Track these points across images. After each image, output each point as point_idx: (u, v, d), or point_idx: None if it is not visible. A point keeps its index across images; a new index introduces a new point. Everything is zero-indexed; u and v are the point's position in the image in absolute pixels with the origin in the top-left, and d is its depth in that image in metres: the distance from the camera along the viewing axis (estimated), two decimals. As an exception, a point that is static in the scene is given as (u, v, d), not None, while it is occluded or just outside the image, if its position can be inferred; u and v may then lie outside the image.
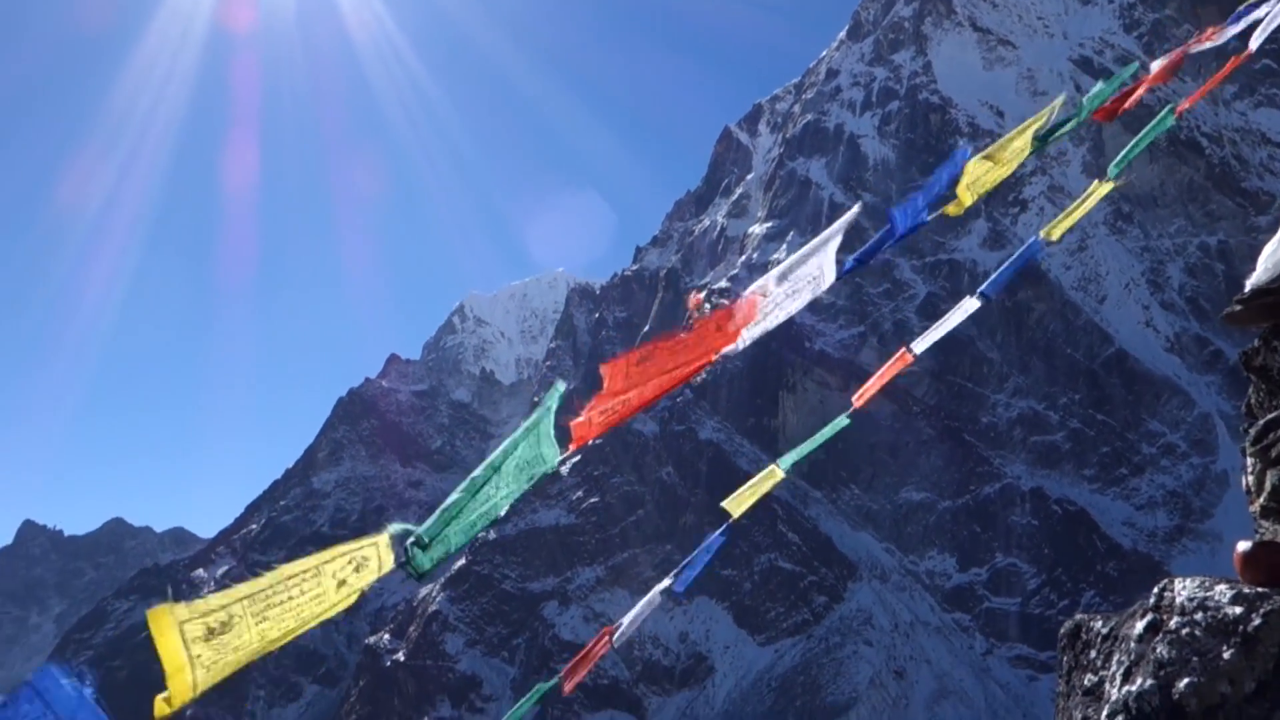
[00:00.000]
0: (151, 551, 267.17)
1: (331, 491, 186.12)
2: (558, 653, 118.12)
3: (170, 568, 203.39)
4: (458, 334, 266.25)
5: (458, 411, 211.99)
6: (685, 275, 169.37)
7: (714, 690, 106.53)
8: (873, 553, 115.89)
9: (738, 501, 5.89)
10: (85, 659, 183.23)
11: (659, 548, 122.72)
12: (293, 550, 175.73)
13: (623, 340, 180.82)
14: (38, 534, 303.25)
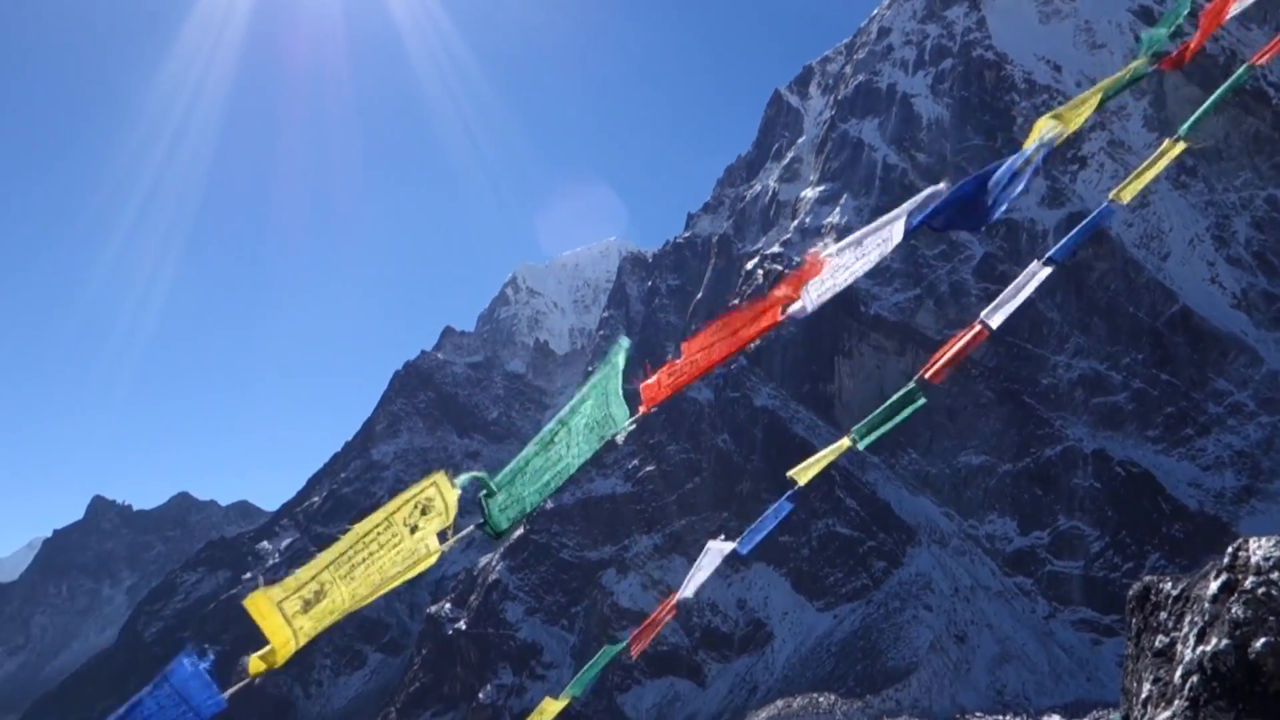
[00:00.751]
0: (217, 525, 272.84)
1: (390, 463, 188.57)
2: (616, 620, 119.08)
3: (236, 540, 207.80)
4: (511, 305, 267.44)
5: (512, 382, 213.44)
6: (737, 241, 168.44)
7: (773, 656, 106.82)
8: (932, 517, 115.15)
9: (805, 470, 5.79)
10: (156, 630, 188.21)
11: (715, 515, 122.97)
12: (354, 521, 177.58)
13: (675, 308, 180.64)
14: (108, 509, 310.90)
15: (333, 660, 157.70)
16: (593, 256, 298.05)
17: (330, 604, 2.68)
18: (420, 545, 2.86)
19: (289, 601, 2.63)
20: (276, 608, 2.62)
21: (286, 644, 2.62)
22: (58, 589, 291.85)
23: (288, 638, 2.63)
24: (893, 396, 5.60)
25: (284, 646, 2.63)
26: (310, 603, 2.64)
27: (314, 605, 2.65)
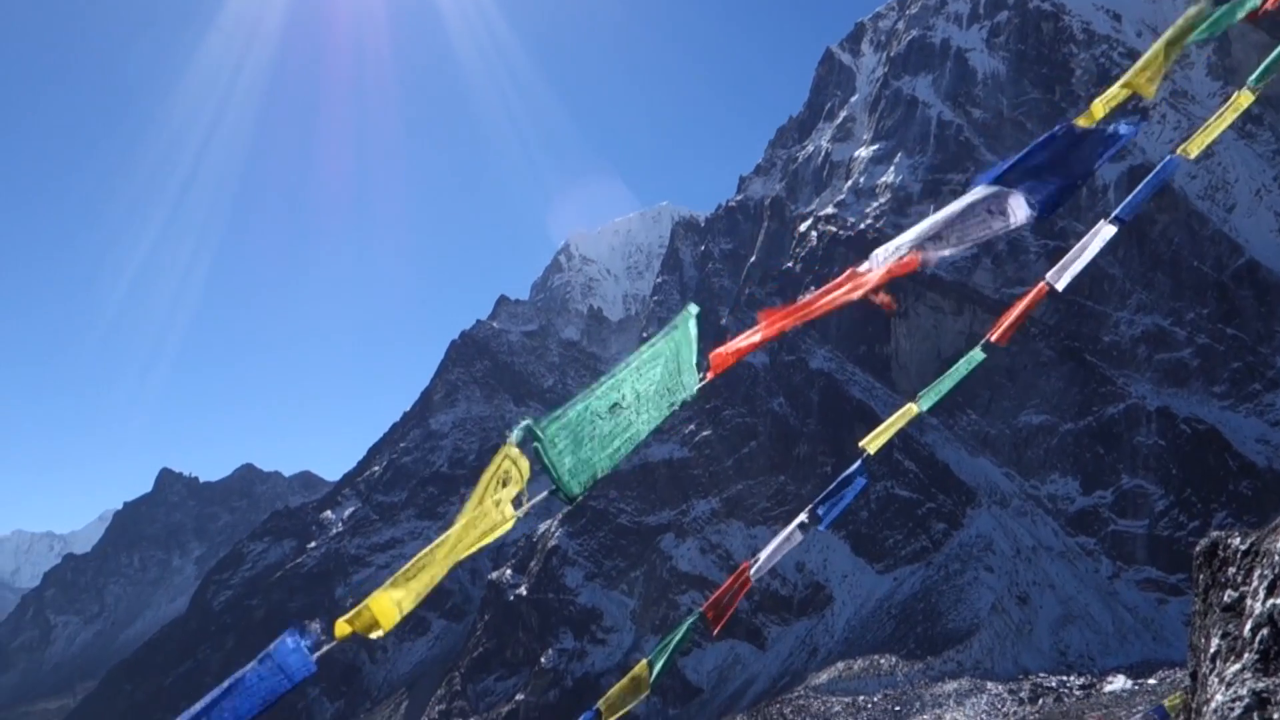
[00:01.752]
0: (281, 495, 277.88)
1: (449, 432, 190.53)
2: (675, 584, 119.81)
3: (300, 510, 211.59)
4: (564, 273, 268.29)
5: (568, 350, 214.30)
6: (790, 203, 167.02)
7: (833, 618, 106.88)
8: (991, 478, 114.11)
9: (875, 439, 5.77)
10: (224, 598, 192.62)
11: (772, 479, 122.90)
12: (414, 491, 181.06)
13: (729, 272, 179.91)
14: (175, 481, 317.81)
15: (397, 627, 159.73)
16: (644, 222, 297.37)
17: (430, 581, 3.02)
18: (498, 513, 3.11)
19: (407, 599, 2.98)
20: (396, 605, 2.95)
21: (392, 619, 2.96)
22: (129, 560, 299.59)
23: (394, 615, 2.96)
24: (959, 362, 5.50)
25: (389, 621, 2.96)
26: (420, 594, 3.01)
27: (420, 592, 3.01)
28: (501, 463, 3.23)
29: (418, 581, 3.00)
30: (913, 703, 72.94)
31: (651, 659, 6.40)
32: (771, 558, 6.24)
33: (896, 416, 5.66)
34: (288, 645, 2.94)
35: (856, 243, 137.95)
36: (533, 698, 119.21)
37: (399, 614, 2.98)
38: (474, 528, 3.10)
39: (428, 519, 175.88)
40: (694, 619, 6.47)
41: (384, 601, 2.97)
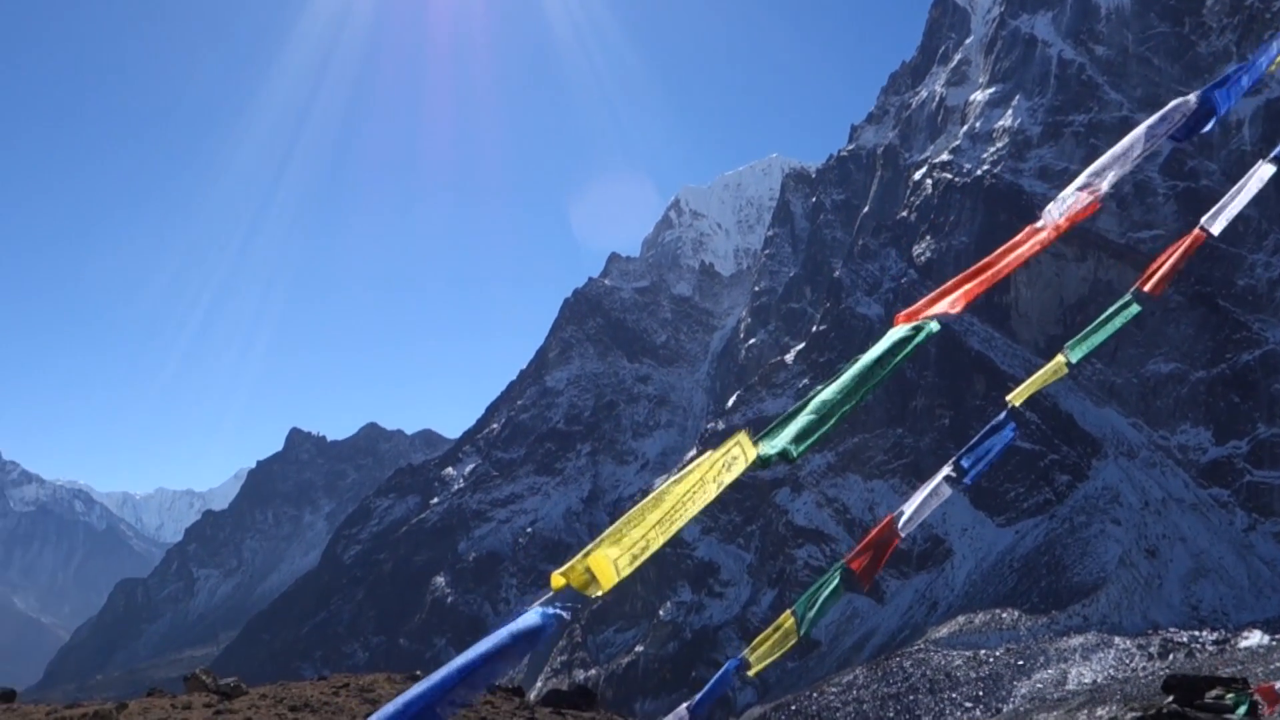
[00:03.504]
0: (404, 453, 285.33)
1: (564, 389, 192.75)
2: (792, 538, 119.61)
3: (422, 467, 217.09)
4: (675, 228, 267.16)
5: (680, 305, 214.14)
6: (904, 151, 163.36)
7: (953, 572, 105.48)
8: (1118, 428, 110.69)
9: (1021, 393, 5.59)
10: (354, 552, 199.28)
11: (889, 432, 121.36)
12: (531, 447, 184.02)
13: (841, 223, 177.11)
14: (304, 440, 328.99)
15: (519, 580, 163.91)
16: (754, 175, 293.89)
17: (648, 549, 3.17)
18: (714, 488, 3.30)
19: (623, 559, 3.11)
20: (613, 565, 3.10)
21: (610, 580, 3.11)
22: (264, 515, 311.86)
23: (613, 576, 3.11)
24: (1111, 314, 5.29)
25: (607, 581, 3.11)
26: (637, 557, 3.14)
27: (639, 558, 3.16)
28: (730, 448, 3.37)
29: (635, 546, 3.12)
30: (1036, 657, 71.73)
31: (796, 610, 6.42)
32: (919, 513, 6.13)
33: (1046, 370, 5.45)
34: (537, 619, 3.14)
35: (973, 190, 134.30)
36: (652, 649, 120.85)
37: (616, 575, 3.11)
38: (691, 502, 3.23)
39: (546, 474, 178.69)
40: (838, 569, 6.44)
41: (602, 561, 3.11)
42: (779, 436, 3.50)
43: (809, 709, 69.51)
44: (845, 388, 3.57)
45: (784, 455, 3.36)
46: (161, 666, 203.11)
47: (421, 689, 2.89)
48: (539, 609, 3.17)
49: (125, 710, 15.24)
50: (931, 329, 3.72)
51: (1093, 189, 3.92)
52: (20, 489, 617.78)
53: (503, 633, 3.10)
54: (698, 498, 3.25)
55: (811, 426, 3.44)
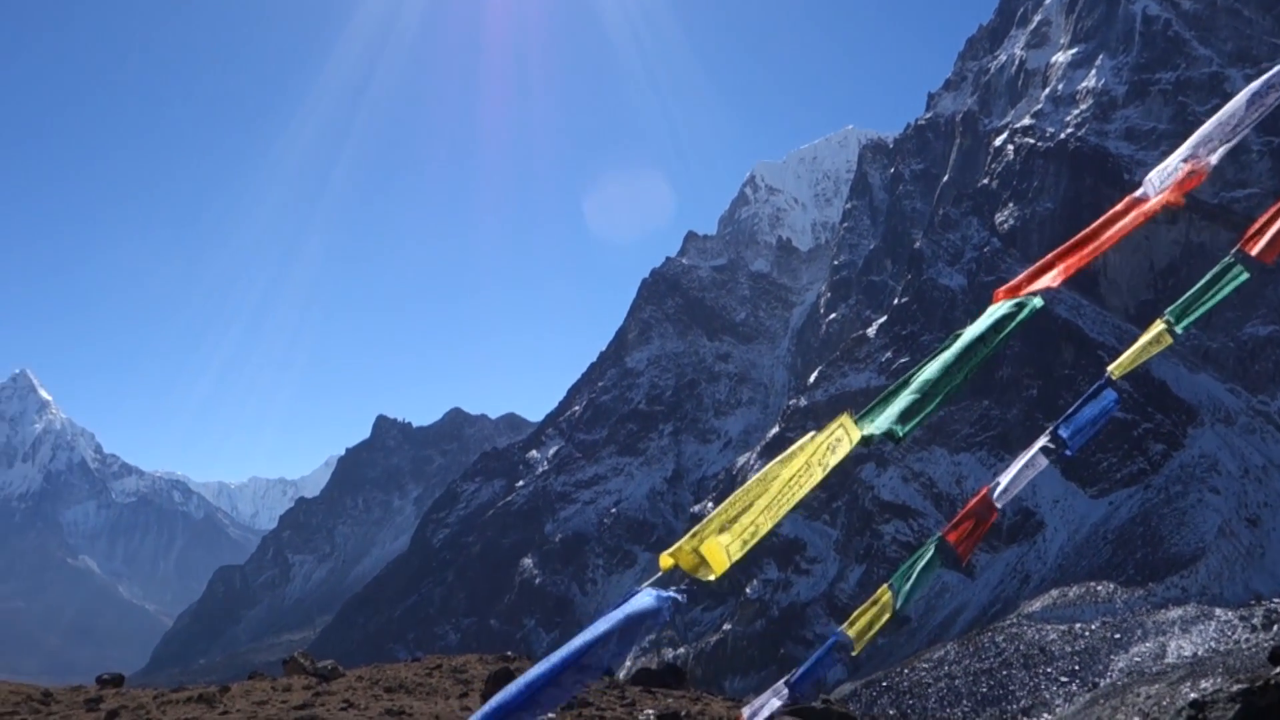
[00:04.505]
0: (489, 437, 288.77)
1: (644, 370, 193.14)
2: (878, 514, 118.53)
3: (507, 450, 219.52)
4: (751, 205, 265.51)
5: (758, 282, 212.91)
6: (984, 117, 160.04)
7: (1045, 545, 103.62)
8: (1215, 394, 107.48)
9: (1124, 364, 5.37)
10: (443, 536, 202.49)
11: (975, 404, 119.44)
12: (614, 428, 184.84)
13: (921, 193, 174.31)
14: (390, 427, 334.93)
15: (605, 560, 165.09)
16: (830, 147, 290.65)
17: (758, 534, 3.18)
18: (819, 471, 3.32)
19: (734, 544, 3.11)
20: (724, 550, 3.09)
21: (722, 565, 3.11)
22: (354, 502, 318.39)
23: (724, 561, 3.11)
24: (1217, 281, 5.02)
25: (719, 566, 3.11)
26: (746, 542, 3.14)
27: (749, 543, 3.16)
28: (835, 431, 3.36)
29: (745, 532, 3.14)
30: (1134, 630, 70.16)
31: (894, 584, 6.34)
32: (1015, 484, 5.98)
33: (1147, 340, 5.21)
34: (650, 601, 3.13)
35: (1057, 154, 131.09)
36: (739, 627, 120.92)
37: (728, 561, 3.11)
38: (798, 486, 3.25)
39: (629, 455, 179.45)
40: (934, 542, 6.33)
41: (714, 547, 3.11)
42: (882, 416, 3.44)
43: (900, 685, 68.95)
44: (947, 365, 3.50)
45: (890, 435, 3.33)
46: (260, 650, 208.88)
47: (535, 674, 2.90)
48: (652, 591, 3.16)
49: (228, 693, 15.69)
50: (1035, 305, 3.63)
51: (1197, 160, 3.75)
52: (121, 481, 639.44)
53: (617, 615, 3.09)
54: (804, 481, 3.26)
55: (916, 406, 3.40)
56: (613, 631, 3.01)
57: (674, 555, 3.14)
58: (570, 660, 2.94)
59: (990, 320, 3.61)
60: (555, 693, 2.92)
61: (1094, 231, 3.86)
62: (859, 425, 3.42)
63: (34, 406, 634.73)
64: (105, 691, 16.38)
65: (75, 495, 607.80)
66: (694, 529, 3.19)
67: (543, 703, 2.90)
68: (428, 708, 14.59)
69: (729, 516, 3.18)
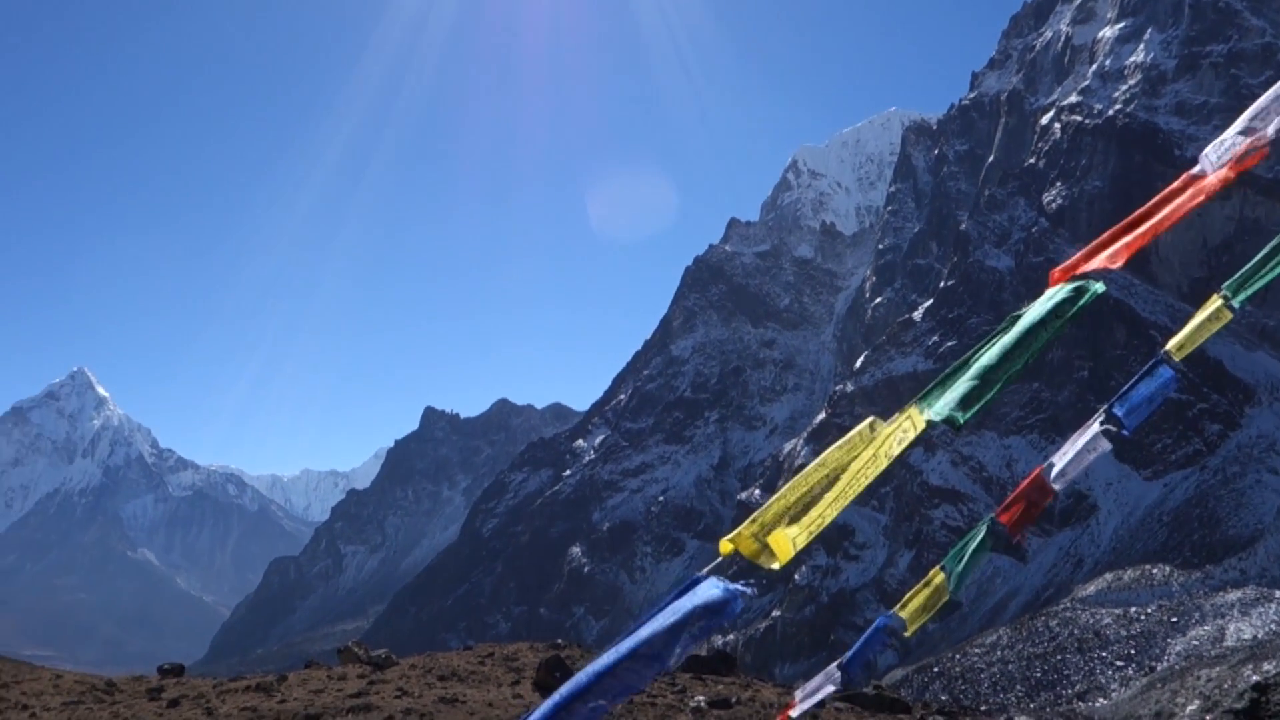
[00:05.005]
0: (535, 427, 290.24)
1: (689, 357, 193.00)
2: (927, 499, 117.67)
3: (553, 440, 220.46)
4: (793, 190, 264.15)
5: (802, 268, 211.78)
6: (1029, 95, 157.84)
7: (1098, 528, 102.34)
8: (1272, 373, 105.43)
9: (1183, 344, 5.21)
10: (492, 526, 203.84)
11: (1024, 387, 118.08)
12: (660, 416, 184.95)
13: (966, 175, 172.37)
14: (439, 419, 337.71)
15: (653, 548, 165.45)
16: (873, 130, 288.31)
17: (822, 522, 3.19)
18: (884, 459, 3.35)
19: (800, 536, 3.14)
20: (792, 542, 3.11)
21: (788, 556, 3.13)
22: (404, 493, 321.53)
23: (790, 552, 3.12)
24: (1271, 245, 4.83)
25: (785, 556, 3.13)
26: (814, 533, 3.17)
27: (816, 534, 3.19)
28: (902, 422, 3.39)
29: (813, 524, 3.15)
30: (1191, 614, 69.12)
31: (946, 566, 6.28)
32: (1074, 466, 5.86)
33: (1205, 316, 5.05)
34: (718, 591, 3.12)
35: (1105, 131, 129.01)
36: (789, 614, 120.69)
37: (793, 549, 3.12)
38: (864, 477, 3.27)
39: (675, 443, 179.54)
40: (986, 524, 6.26)
41: (781, 539, 3.12)
42: (941, 401, 3.43)
43: (952, 670, 68.48)
44: (1006, 351, 3.47)
45: (950, 422, 3.31)
46: (315, 640, 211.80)
47: (602, 663, 2.89)
48: (719, 583, 3.13)
49: (285, 682, 15.92)
50: (1096, 290, 3.57)
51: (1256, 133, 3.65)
52: (178, 475, 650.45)
53: (685, 606, 3.04)
54: (869, 472, 3.28)
55: (975, 392, 3.38)
56: (683, 623, 2.97)
57: (734, 541, 3.14)
58: (637, 649, 2.91)
59: (1049, 304, 3.56)
60: (617, 684, 2.90)
61: (1149, 210, 3.74)
62: (922, 412, 3.43)
63: (92, 403, 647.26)
64: (166, 681, 16.69)
65: (134, 490, 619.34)
66: (754, 515, 3.18)
67: (606, 693, 2.89)
68: (481, 695, 14.71)
69: (789, 504, 3.17)
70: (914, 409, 3.40)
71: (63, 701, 14.87)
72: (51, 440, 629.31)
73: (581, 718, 2.85)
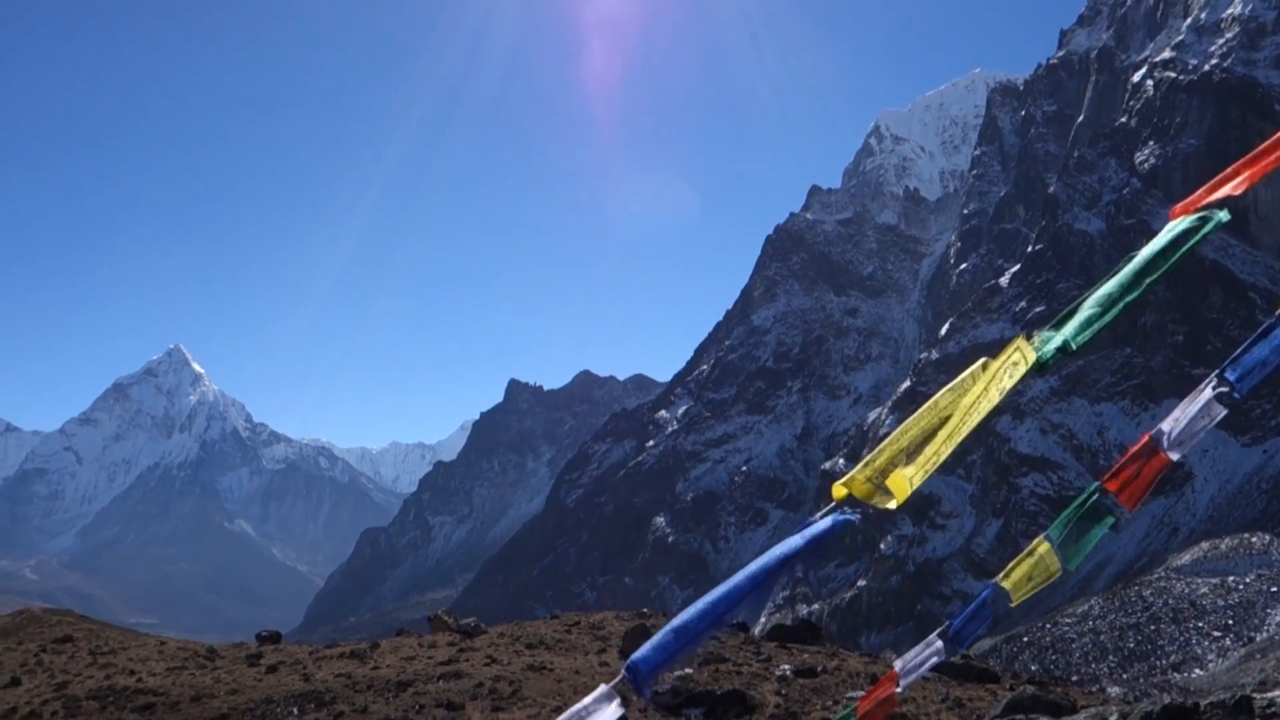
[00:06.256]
0: (618, 398, 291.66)
1: (771, 327, 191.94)
2: (1016, 467, 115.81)
3: (636, 411, 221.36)
4: (876, 155, 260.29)
5: (885, 235, 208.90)
6: (1120, 52, 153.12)
7: (1194, 496, 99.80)
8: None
9: None
10: (576, 496, 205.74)
11: (1116, 352, 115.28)
12: (742, 386, 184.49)
13: (1055, 136, 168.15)
14: (523, 391, 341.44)
15: (737, 518, 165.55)
16: (958, 92, 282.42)
17: (937, 461, 3.20)
18: (997, 395, 3.31)
19: (917, 476, 3.16)
20: (908, 483, 3.15)
21: (905, 495, 3.15)
22: (490, 464, 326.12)
23: (907, 491, 3.14)
24: None
25: (903, 496, 3.15)
26: (928, 471, 3.17)
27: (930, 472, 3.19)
28: (1011, 354, 3.33)
29: (929, 463, 3.16)
30: (1292, 583, 67.16)
31: (1050, 535, 6.19)
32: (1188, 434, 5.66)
33: None
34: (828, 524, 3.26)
35: (1200, 87, 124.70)
36: (874, 583, 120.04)
37: (910, 489, 3.14)
38: (975, 412, 3.24)
39: (757, 413, 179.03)
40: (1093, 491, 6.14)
41: (899, 479, 3.15)
42: (1055, 336, 3.38)
43: (1042, 640, 67.53)
44: (1125, 281, 3.42)
45: (1063, 349, 3.28)
46: (406, 609, 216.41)
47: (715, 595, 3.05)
48: (827, 519, 3.27)
49: (378, 649, 16.40)
50: (1220, 219, 3.46)
51: None
52: (271, 448, 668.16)
53: (796, 540, 3.22)
54: (981, 406, 3.24)
55: (1091, 319, 3.34)
56: (795, 553, 3.11)
57: (847, 485, 3.18)
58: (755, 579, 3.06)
59: (1170, 234, 3.48)
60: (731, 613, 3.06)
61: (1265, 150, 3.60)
62: (1035, 346, 3.42)
63: (188, 379, 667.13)
64: (265, 648, 17.28)
65: (229, 463, 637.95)
66: (866, 459, 3.22)
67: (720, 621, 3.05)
68: (568, 663, 14.96)
69: (901, 447, 3.19)
70: (1022, 339, 3.34)
71: (167, 667, 15.51)
72: (151, 415, 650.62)
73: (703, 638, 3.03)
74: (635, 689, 3.03)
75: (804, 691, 13.40)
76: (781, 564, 3.12)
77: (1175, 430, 5.77)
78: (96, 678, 14.77)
